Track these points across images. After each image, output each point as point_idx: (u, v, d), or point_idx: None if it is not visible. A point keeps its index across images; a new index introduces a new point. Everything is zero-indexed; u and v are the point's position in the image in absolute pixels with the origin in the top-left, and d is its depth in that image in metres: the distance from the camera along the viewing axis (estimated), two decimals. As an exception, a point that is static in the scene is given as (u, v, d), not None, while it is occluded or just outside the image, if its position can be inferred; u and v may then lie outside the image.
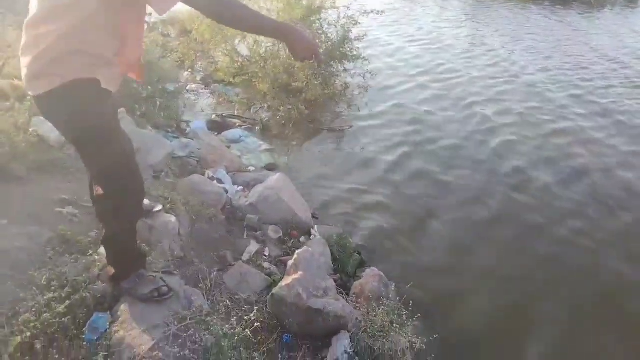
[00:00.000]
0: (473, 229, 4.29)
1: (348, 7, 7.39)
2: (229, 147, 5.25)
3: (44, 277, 2.08)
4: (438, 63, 9.08)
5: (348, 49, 7.43)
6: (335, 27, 7.36)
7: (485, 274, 3.75)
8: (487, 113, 6.83)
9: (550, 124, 6.59)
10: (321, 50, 1.79)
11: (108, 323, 2.00)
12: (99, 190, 1.88)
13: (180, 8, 1.64)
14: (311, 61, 1.71)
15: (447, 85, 7.95)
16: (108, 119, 1.77)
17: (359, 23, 7.41)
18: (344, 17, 7.32)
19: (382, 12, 7.89)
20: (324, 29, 7.27)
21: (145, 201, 2.66)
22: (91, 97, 1.64)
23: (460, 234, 4.22)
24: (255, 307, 2.55)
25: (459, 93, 7.63)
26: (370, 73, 7.50)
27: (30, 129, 3.13)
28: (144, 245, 2.42)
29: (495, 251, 4.01)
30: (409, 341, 2.67)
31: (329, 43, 7.25)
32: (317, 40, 1.68)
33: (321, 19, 7.30)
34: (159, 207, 2.70)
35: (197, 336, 2.01)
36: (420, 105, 7.07)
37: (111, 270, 2.10)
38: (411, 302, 2.97)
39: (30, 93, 1.65)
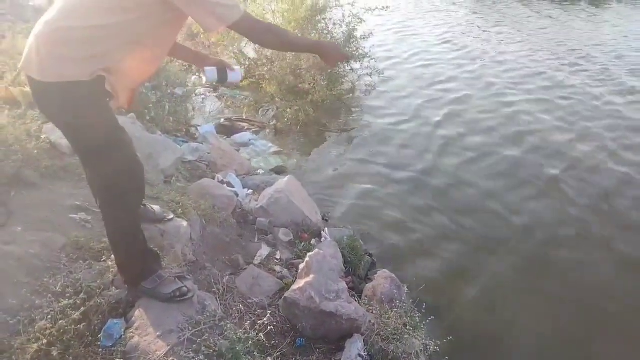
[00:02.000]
0: (488, 231, 4.25)
1: (352, 5, 7.36)
2: (238, 151, 5.27)
3: (59, 284, 2.09)
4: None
5: (354, 48, 7.41)
6: (341, 26, 7.34)
7: (500, 275, 3.72)
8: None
9: (505, 107, 6.99)
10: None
11: (123, 329, 2.01)
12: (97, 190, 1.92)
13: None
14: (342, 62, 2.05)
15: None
16: (109, 120, 1.80)
17: (364, 21, 7.38)
18: (349, 16, 7.29)
19: (387, 7, 7.78)
20: (329, 28, 7.25)
21: (157, 208, 2.67)
22: (94, 96, 1.70)
23: (474, 234, 4.19)
24: (268, 311, 2.55)
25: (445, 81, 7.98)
26: (377, 71, 7.48)
27: (42, 136, 3.15)
28: (156, 249, 2.42)
29: (508, 253, 3.98)
30: (422, 343, 2.65)
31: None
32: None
33: (326, 18, 7.28)
34: (171, 216, 2.71)
35: (211, 341, 2.01)
36: (426, 103, 7.08)
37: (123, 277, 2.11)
38: (424, 304, 2.95)
39: (34, 76, 1.67)
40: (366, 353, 2.44)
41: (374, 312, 2.77)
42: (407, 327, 2.65)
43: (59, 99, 1.68)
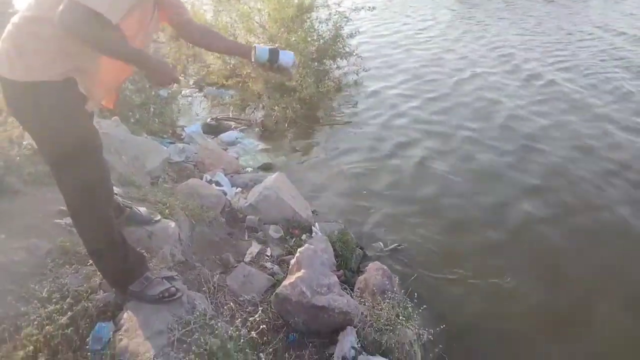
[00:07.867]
0: (480, 221, 4.25)
1: (339, 4, 7.38)
2: (225, 150, 5.25)
3: (45, 290, 2.06)
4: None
5: (340, 46, 7.41)
6: (327, 24, 7.33)
7: (489, 260, 3.73)
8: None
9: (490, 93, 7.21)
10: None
11: (111, 332, 1.99)
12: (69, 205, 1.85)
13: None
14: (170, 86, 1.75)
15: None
16: (83, 126, 1.74)
17: (350, 20, 7.39)
18: (335, 14, 7.29)
19: (373, 8, 7.82)
20: (316, 27, 7.24)
21: (144, 210, 2.64)
22: (66, 101, 1.63)
23: (464, 224, 4.19)
24: (260, 308, 2.53)
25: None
26: (364, 69, 7.49)
27: (24, 142, 3.11)
28: (143, 251, 2.40)
29: (499, 234, 4.01)
30: (415, 333, 2.65)
31: (321, 41, 7.23)
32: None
33: (312, 17, 7.27)
34: (158, 217, 2.67)
35: (201, 340, 1.99)
36: (410, 97, 7.09)
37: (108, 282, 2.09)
38: (416, 294, 2.95)
39: (4, 74, 1.58)
40: (359, 345, 2.43)
41: (367, 304, 2.77)
42: (400, 318, 2.64)
43: (30, 101, 1.60)
